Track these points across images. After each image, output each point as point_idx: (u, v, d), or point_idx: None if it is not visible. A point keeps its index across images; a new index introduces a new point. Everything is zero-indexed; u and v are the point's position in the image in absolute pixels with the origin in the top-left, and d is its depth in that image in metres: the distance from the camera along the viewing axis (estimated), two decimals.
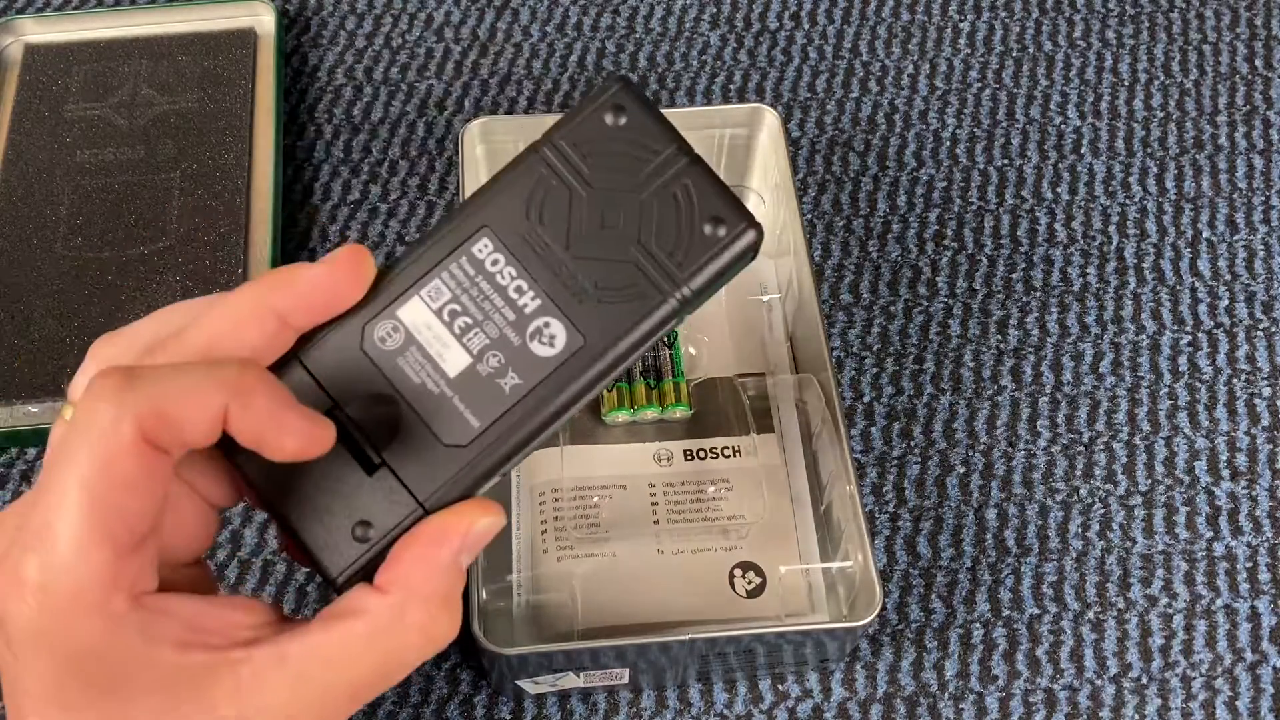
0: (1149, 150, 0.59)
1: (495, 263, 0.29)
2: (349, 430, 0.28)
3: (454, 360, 0.29)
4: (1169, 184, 0.58)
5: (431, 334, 0.29)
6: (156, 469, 0.25)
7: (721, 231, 0.29)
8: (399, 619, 0.27)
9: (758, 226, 0.29)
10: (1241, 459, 0.50)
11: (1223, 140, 0.59)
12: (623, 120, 0.30)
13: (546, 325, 0.29)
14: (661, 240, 0.29)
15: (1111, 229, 0.56)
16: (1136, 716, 0.44)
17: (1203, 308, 0.54)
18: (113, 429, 0.24)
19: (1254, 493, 0.49)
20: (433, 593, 0.28)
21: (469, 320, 0.29)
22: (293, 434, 0.26)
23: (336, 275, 0.28)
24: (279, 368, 0.29)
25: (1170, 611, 0.46)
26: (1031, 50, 0.62)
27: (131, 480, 0.25)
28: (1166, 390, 0.51)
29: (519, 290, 0.29)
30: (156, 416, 0.25)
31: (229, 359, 0.27)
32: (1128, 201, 0.57)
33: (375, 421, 0.28)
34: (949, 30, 0.63)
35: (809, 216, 0.56)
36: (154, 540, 0.26)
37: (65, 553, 0.24)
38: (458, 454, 0.28)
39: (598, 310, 0.29)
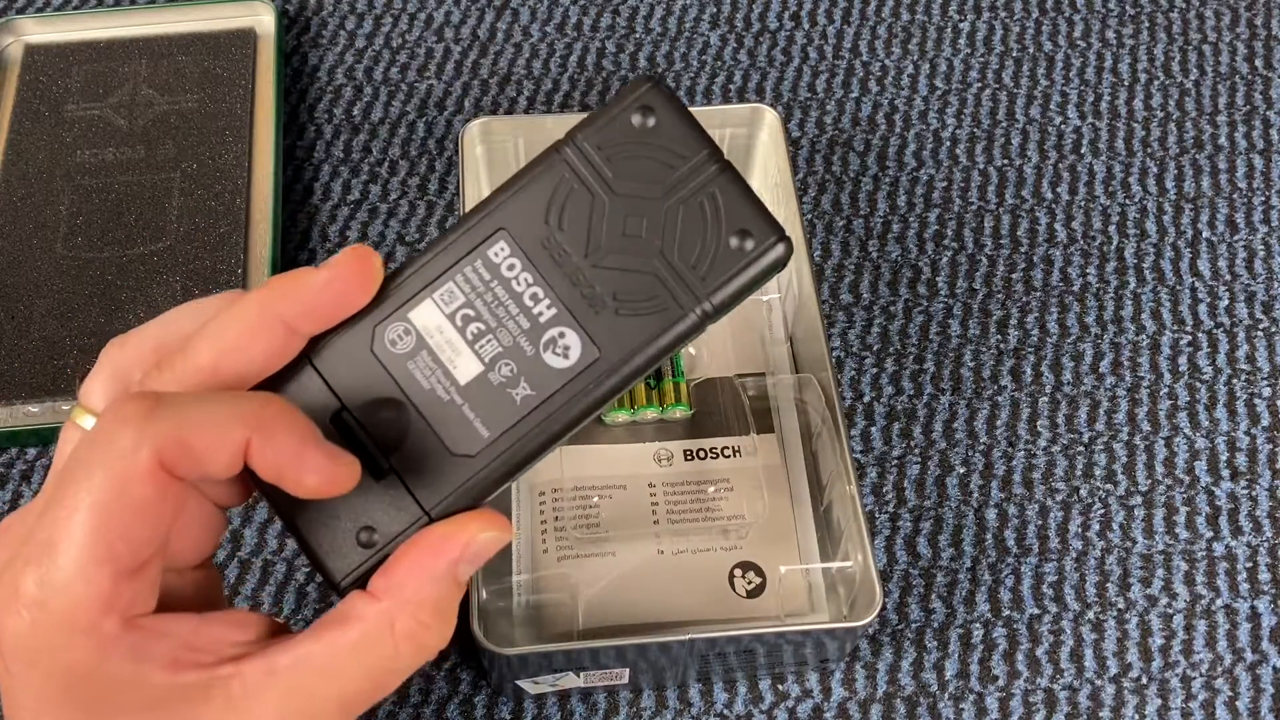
0: (1149, 150, 0.59)
1: (511, 268, 0.28)
2: (356, 434, 0.28)
3: (465, 367, 0.28)
4: (1169, 184, 0.58)
5: (443, 339, 0.28)
6: (169, 496, 0.25)
7: (749, 245, 0.28)
8: (388, 627, 0.27)
9: (787, 240, 0.28)
10: (1241, 459, 0.50)
11: (1223, 140, 0.59)
12: (651, 122, 0.29)
13: (561, 336, 0.28)
14: (685, 252, 0.28)
15: (1111, 229, 0.56)
16: (1136, 716, 0.44)
17: (1203, 308, 0.54)
18: (131, 453, 0.24)
19: (1254, 493, 0.49)
20: (424, 601, 0.27)
21: (482, 326, 0.28)
22: (314, 471, 0.26)
23: (340, 279, 0.28)
24: (290, 369, 0.28)
25: (1170, 611, 0.46)
26: (1031, 50, 0.62)
27: (143, 506, 0.25)
28: (1166, 390, 0.51)
29: (534, 298, 0.28)
30: (177, 446, 0.25)
31: (254, 394, 0.27)
32: (1128, 201, 0.57)
33: (383, 426, 0.28)
34: (949, 30, 0.63)
35: (809, 216, 0.56)
36: (157, 563, 0.26)
37: (65, 571, 0.24)
38: (465, 464, 0.28)
39: (615, 322, 0.28)
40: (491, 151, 0.50)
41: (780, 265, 0.29)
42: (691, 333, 0.29)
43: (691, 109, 0.30)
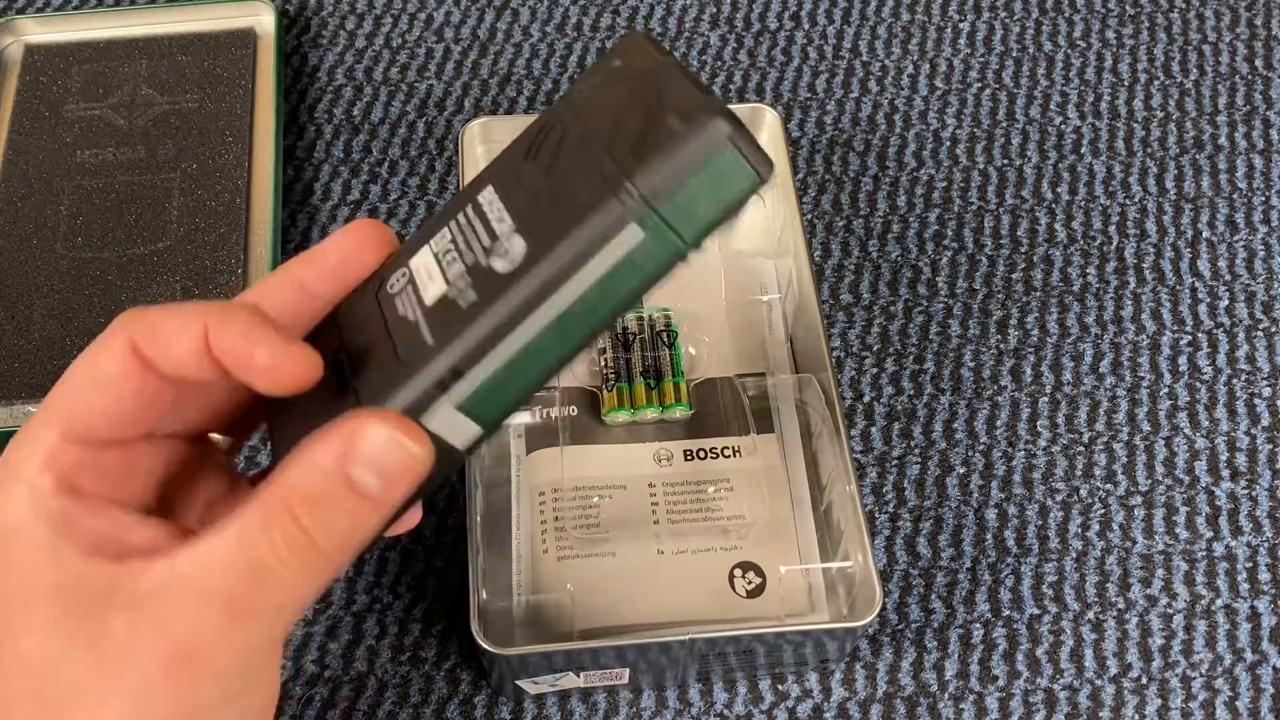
0: (1149, 150, 0.59)
1: (491, 204, 0.29)
2: (341, 366, 0.29)
3: (433, 290, 0.29)
4: (1169, 184, 0.58)
5: (425, 274, 0.29)
6: (134, 376, 0.27)
7: (679, 124, 0.26)
8: (260, 513, 0.26)
9: (727, 114, 0.26)
10: (1241, 459, 0.50)
11: (1223, 140, 0.59)
12: (628, 61, 0.29)
13: (509, 239, 0.28)
14: (621, 142, 0.27)
15: (1111, 229, 0.56)
16: (1136, 716, 0.44)
17: (1203, 308, 0.54)
18: (106, 338, 0.27)
19: (1254, 493, 0.49)
20: (298, 487, 0.26)
21: (454, 255, 0.29)
22: (262, 345, 0.27)
23: (348, 240, 0.30)
24: (322, 324, 0.31)
25: (1170, 611, 0.46)
26: (1031, 50, 0.62)
27: (105, 378, 0.27)
28: (1166, 390, 0.51)
29: (499, 219, 0.29)
30: (148, 329, 0.27)
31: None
32: (1128, 201, 0.57)
33: (361, 354, 0.29)
34: (949, 30, 0.63)
35: (809, 216, 0.56)
36: (117, 451, 0.28)
37: (25, 431, 0.27)
38: (405, 370, 0.28)
39: (551, 218, 0.28)
40: (491, 151, 0.50)
41: (721, 149, 0.26)
42: (626, 220, 0.27)
43: None
